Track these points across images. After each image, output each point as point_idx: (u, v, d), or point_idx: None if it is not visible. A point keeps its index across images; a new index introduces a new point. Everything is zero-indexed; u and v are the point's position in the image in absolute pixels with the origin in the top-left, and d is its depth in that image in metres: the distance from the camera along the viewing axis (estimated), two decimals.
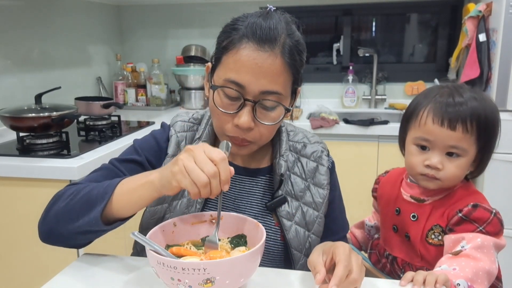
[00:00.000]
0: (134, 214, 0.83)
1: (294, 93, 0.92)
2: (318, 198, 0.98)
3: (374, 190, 1.19)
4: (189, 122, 1.01)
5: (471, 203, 0.96)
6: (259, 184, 0.99)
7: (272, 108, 0.85)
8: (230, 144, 0.82)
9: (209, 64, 0.91)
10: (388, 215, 1.10)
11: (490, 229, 0.93)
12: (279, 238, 0.95)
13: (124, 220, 0.83)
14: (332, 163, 1.04)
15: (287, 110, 0.87)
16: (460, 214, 0.95)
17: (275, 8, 0.88)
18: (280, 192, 0.96)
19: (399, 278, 0.87)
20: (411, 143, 1.04)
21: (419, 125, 1.00)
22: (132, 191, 0.79)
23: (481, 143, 0.99)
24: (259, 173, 1.00)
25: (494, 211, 0.96)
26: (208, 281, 0.65)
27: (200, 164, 0.70)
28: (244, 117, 0.83)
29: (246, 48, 0.81)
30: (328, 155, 1.04)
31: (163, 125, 1.04)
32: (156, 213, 0.94)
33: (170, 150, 0.97)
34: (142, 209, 0.82)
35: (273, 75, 0.81)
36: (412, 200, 1.04)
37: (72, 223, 0.81)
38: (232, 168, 0.72)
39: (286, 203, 0.96)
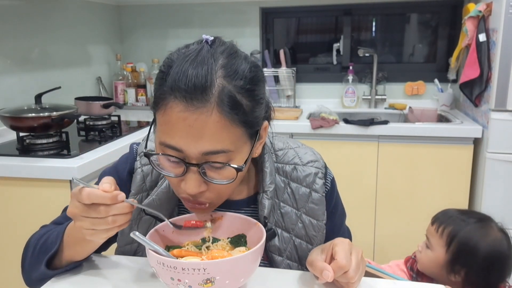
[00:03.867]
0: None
1: (254, 136, 0.75)
2: (311, 231, 0.88)
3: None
4: None
5: None
6: None
7: (222, 167, 0.70)
8: None
9: None
10: None
11: None
12: None
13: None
14: (332, 182, 0.92)
15: (238, 170, 0.70)
16: None
17: (212, 38, 0.72)
18: (269, 225, 0.86)
19: None
20: None
21: None
22: (79, 244, 0.80)
23: (453, 256, 1.20)
24: (242, 205, 0.89)
25: None
26: (208, 281, 0.65)
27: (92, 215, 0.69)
28: (191, 183, 0.70)
29: (173, 108, 0.66)
30: (324, 176, 0.90)
31: (130, 150, 0.94)
32: (125, 253, 0.92)
33: (134, 188, 0.88)
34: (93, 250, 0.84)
35: (212, 134, 0.66)
36: None
37: (38, 270, 0.83)
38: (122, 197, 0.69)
39: (276, 237, 0.86)
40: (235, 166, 0.70)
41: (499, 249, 1.18)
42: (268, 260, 0.88)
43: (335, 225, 0.95)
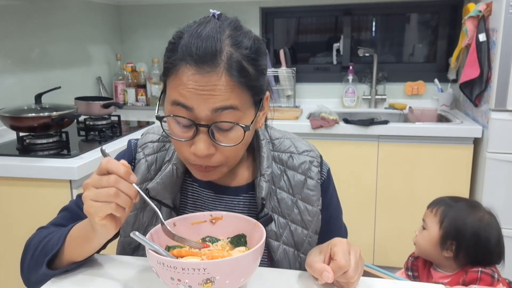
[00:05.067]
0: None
1: (258, 103, 0.80)
2: (307, 216, 0.90)
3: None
4: (159, 142, 0.94)
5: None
6: (241, 203, 0.91)
7: (230, 128, 0.75)
8: None
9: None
10: None
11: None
12: (266, 260, 0.90)
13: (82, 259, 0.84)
14: (328, 172, 0.95)
15: (246, 129, 0.75)
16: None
17: (218, 13, 0.79)
18: (265, 210, 0.87)
19: None
20: None
21: None
22: (81, 244, 0.81)
23: (445, 231, 1.34)
24: (241, 191, 0.91)
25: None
26: (208, 281, 0.65)
27: (100, 186, 0.70)
28: (200, 145, 0.74)
29: (185, 72, 0.72)
30: (319, 165, 0.93)
31: (128, 144, 0.96)
32: (132, 242, 0.93)
33: (139, 177, 0.89)
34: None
35: (221, 93, 0.71)
36: None
37: (39, 272, 0.83)
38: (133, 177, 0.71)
39: (273, 222, 0.89)
40: (243, 125, 0.74)
41: (485, 226, 1.31)
42: (265, 247, 0.88)
43: (332, 216, 0.96)
